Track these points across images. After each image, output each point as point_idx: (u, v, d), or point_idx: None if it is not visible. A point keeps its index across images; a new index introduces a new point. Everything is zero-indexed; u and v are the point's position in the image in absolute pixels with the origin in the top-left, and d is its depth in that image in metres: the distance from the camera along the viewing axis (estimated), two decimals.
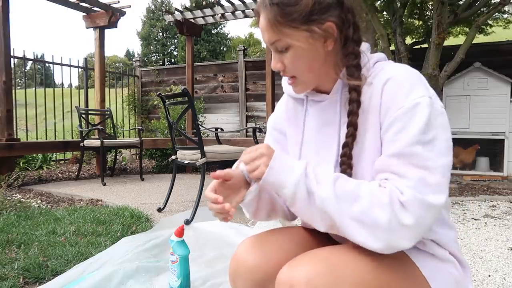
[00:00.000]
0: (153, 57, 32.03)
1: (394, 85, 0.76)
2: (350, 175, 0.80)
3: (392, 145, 0.73)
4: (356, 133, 0.79)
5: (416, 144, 0.71)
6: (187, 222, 2.50)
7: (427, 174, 0.70)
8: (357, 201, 0.71)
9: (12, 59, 4.64)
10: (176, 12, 5.85)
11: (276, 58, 0.83)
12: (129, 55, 42.45)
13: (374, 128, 0.78)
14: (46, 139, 5.93)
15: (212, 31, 30.06)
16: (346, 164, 0.81)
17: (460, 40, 4.97)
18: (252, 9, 5.45)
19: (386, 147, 0.75)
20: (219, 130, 3.89)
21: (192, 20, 6.00)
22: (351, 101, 0.80)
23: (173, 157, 2.99)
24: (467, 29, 5.10)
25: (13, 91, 4.54)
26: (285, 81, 0.95)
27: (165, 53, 32.17)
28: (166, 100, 2.95)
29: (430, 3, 4.95)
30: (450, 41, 5.05)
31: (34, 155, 5.31)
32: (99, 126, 4.68)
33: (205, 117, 7.04)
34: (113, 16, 5.47)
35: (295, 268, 0.71)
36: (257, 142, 3.37)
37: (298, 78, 0.83)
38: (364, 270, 0.72)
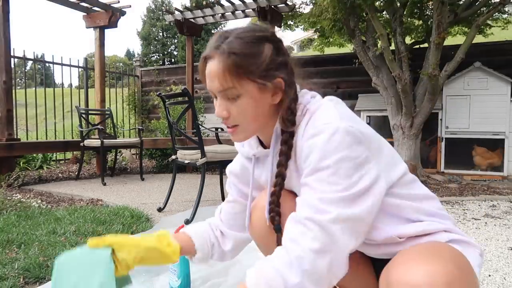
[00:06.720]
0: (153, 57, 32.01)
1: (315, 140, 0.76)
2: (278, 222, 0.86)
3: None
4: (284, 183, 0.84)
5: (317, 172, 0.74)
6: (187, 222, 2.50)
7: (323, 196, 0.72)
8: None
9: (12, 59, 4.63)
10: (176, 12, 5.85)
11: (223, 106, 0.84)
12: (129, 55, 42.44)
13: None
14: (46, 139, 5.93)
15: (212, 31, 30.07)
16: (274, 212, 0.86)
17: (460, 40, 4.97)
18: (253, 9, 5.43)
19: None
20: (219, 130, 3.88)
21: (192, 20, 6.00)
22: (281, 153, 0.83)
23: (173, 157, 2.99)
24: (467, 29, 5.10)
25: (13, 91, 4.55)
26: (238, 145, 1.00)
27: (165, 53, 32.16)
28: (166, 100, 2.95)
29: (430, 3, 4.94)
30: (450, 41, 5.03)
31: (34, 155, 5.31)
32: (99, 126, 4.68)
33: (205, 117, 7.04)
34: (113, 16, 5.47)
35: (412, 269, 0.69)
36: None
37: (241, 126, 0.85)
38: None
